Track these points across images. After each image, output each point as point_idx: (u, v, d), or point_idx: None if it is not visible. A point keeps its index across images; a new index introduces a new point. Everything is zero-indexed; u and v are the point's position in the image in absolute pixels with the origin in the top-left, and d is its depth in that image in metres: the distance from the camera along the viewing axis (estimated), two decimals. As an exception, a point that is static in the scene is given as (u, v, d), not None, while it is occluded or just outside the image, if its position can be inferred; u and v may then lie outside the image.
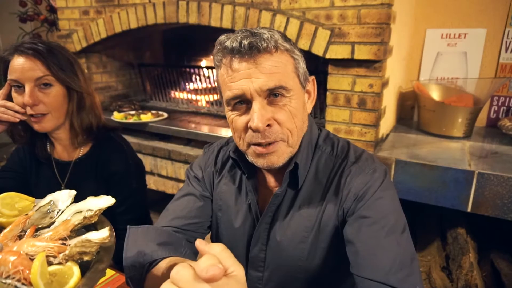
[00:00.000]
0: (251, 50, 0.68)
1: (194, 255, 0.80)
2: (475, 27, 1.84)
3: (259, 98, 0.70)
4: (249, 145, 0.74)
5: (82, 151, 1.17)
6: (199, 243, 0.45)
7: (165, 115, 2.23)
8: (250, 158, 0.77)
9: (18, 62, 1.01)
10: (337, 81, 1.56)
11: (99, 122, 1.17)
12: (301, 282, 0.81)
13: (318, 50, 1.54)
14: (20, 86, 1.03)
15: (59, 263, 0.53)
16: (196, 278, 0.41)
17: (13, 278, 0.50)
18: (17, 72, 1.01)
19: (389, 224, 0.70)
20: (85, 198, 0.71)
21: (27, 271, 0.50)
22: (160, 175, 2.14)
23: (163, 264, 0.71)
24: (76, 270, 0.52)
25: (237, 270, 0.43)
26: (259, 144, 0.72)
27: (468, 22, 1.85)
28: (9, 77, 1.03)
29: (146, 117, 2.16)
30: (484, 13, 1.81)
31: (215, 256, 0.42)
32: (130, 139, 2.12)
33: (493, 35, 1.81)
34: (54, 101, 1.06)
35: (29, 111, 1.03)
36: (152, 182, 2.17)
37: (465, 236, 1.49)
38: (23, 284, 0.49)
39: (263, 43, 0.68)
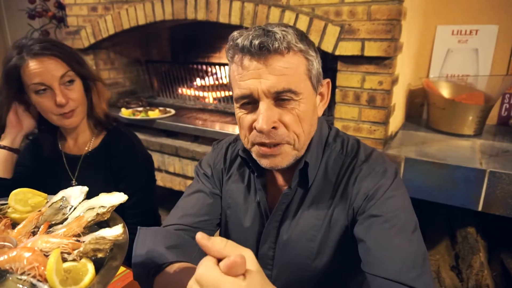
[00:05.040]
0: (261, 51, 0.66)
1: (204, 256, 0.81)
2: (486, 23, 1.81)
3: (267, 99, 0.68)
4: (253, 144, 0.74)
5: (92, 145, 1.19)
6: (201, 238, 0.45)
7: (173, 111, 2.23)
8: (254, 157, 0.77)
9: (37, 65, 1.01)
10: (346, 78, 1.55)
11: (106, 109, 1.21)
12: (309, 280, 0.81)
13: (327, 46, 1.53)
14: (44, 89, 1.03)
15: (73, 260, 0.53)
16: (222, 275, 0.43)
17: (29, 274, 0.50)
18: (41, 75, 1.01)
19: (400, 223, 0.69)
20: (94, 191, 0.71)
21: (42, 268, 0.50)
22: (167, 172, 2.14)
23: (171, 270, 0.69)
24: (90, 267, 0.52)
25: (247, 252, 0.45)
26: (263, 144, 0.72)
27: (479, 19, 1.82)
28: (29, 82, 1.02)
29: (154, 114, 2.17)
30: (496, 9, 1.78)
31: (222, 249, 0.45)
32: (138, 135, 2.12)
33: (505, 32, 1.78)
34: (80, 95, 1.09)
35: (60, 111, 1.05)
36: (159, 179, 2.17)
37: (475, 236, 1.48)
38: (38, 280, 0.49)
39: (275, 43, 0.66)
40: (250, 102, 0.71)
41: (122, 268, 0.91)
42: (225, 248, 0.45)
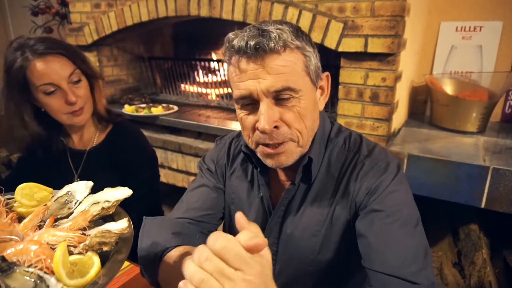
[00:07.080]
0: (257, 52, 0.66)
1: None
2: (491, 20, 1.80)
3: (266, 99, 0.68)
4: (257, 144, 0.74)
5: (96, 140, 1.19)
6: (241, 217, 0.49)
7: (176, 108, 2.24)
8: (259, 157, 0.77)
9: (44, 65, 0.99)
10: (350, 74, 1.55)
11: (106, 104, 1.23)
12: (312, 275, 0.81)
13: (330, 43, 1.53)
14: (54, 90, 1.02)
15: (80, 253, 0.54)
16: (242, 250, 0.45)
17: (35, 267, 0.51)
18: (49, 75, 1.00)
19: (402, 218, 0.70)
20: (98, 187, 0.72)
21: (49, 260, 0.51)
22: (170, 168, 2.15)
23: (176, 252, 0.71)
24: (96, 260, 0.53)
25: (266, 251, 0.48)
26: (267, 145, 0.72)
27: (483, 15, 1.81)
28: (38, 83, 1.00)
29: (157, 110, 2.17)
30: (500, 6, 1.76)
31: (254, 232, 0.47)
32: (141, 132, 2.14)
33: (509, 28, 1.77)
34: (86, 92, 1.10)
35: (70, 109, 1.06)
36: (162, 175, 2.18)
37: (478, 232, 1.48)
38: (45, 273, 0.50)
39: (270, 43, 0.65)
40: (250, 103, 0.71)
41: (126, 263, 0.92)
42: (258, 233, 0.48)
